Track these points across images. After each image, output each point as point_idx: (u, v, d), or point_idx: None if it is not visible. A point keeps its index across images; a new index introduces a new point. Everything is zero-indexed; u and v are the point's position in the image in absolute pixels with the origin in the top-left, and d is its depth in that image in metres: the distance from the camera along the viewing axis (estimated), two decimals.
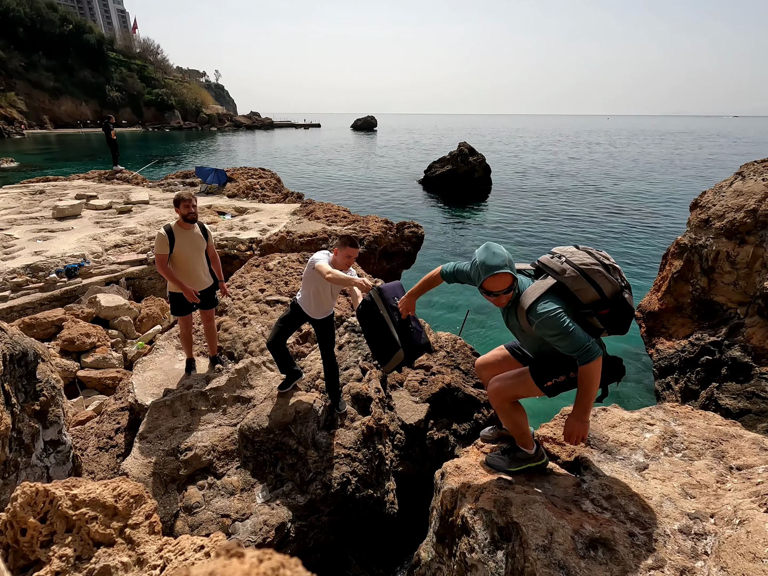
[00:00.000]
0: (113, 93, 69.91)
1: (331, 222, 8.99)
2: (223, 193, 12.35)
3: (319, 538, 3.14)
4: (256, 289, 4.98)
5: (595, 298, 1.92)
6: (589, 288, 1.90)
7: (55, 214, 9.45)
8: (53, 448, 2.82)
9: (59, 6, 67.75)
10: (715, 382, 4.96)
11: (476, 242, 14.81)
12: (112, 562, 1.70)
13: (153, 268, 7.40)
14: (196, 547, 1.77)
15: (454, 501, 2.14)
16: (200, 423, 3.52)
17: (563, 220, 17.76)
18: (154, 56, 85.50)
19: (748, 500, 1.81)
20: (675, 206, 20.05)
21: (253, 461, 3.29)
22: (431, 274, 2.33)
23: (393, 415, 4.18)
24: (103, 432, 4.01)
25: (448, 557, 2.18)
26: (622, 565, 1.66)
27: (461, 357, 5.01)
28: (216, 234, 8.22)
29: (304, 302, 3.33)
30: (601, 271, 1.91)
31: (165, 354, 4.35)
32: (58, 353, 5.23)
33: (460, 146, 23.04)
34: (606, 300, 1.93)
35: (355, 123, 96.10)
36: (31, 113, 58.92)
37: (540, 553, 1.71)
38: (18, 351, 2.63)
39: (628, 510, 1.91)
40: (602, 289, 1.91)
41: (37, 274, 6.54)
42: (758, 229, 4.89)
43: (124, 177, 14.30)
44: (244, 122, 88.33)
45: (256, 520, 2.94)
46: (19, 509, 1.69)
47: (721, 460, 2.19)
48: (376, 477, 3.45)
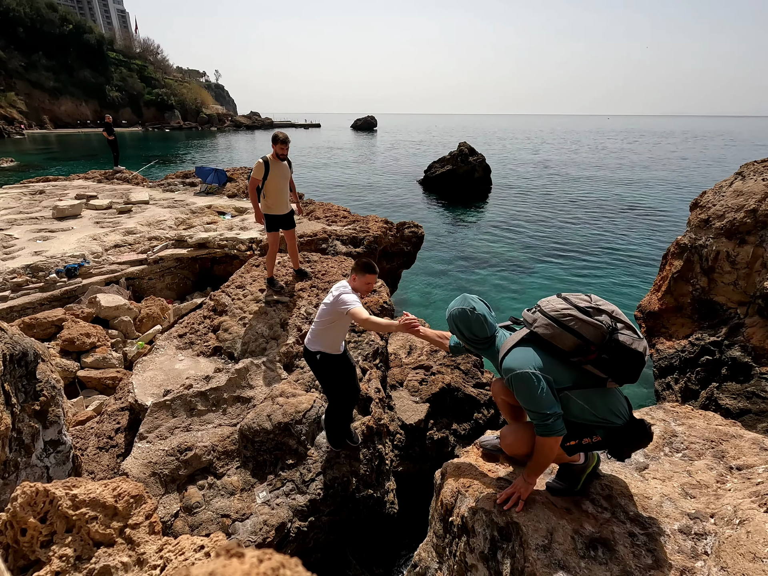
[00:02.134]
0: (113, 93, 69.89)
1: (331, 222, 8.99)
2: (223, 193, 12.35)
3: (319, 538, 3.14)
4: (256, 289, 4.98)
5: (576, 343, 1.78)
6: (564, 334, 1.78)
7: (55, 214, 9.45)
8: (53, 448, 2.82)
9: (59, 6, 67.72)
10: (715, 382, 4.96)
11: (476, 242, 14.81)
12: (112, 562, 1.70)
13: (153, 268, 7.40)
14: (196, 547, 1.77)
15: (454, 501, 2.14)
16: (200, 423, 3.52)
17: (563, 220, 17.76)
18: (154, 56, 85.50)
19: (748, 500, 1.81)
20: (675, 206, 20.06)
21: (253, 461, 3.29)
22: (444, 337, 2.39)
23: (393, 415, 4.18)
24: (103, 432, 4.00)
25: (448, 557, 2.18)
26: (622, 565, 1.66)
27: (461, 357, 5.01)
28: (216, 234, 8.22)
29: (336, 345, 3.05)
30: (575, 315, 1.78)
31: (165, 354, 4.35)
32: (58, 353, 5.23)
33: (460, 146, 23.03)
34: (590, 344, 1.77)
35: (355, 123, 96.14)
36: (31, 113, 58.89)
37: (540, 553, 1.71)
38: (18, 351, 2.63)
39: (628, 510, 1.91)
40: (581, 333, 1.76)
41: (37, 274, 6.54)
42: (758, 229, 4.88)
43: (124, 177, 14.29)
44: (244, 122, 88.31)
45: (256, 520, 2.94)
46: (19, 509, 1.69)
47: (721, 460, 2.19)
48: (376, 477, 3.45)
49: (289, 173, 4.76)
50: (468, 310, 1.99)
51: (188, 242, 8.00)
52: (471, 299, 2.04)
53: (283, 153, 4.57)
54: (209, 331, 4.59)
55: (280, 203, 4.74)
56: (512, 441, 2.02)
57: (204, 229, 8.78)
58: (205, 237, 8.04)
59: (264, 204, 4.73)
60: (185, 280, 7.90)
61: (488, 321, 2.00)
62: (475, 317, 1.99)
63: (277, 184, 4.63)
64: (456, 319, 2.02)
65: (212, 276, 8.05)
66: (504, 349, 1.89)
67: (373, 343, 4.32)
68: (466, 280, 11.44)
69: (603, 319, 1.79)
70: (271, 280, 4.94)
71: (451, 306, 2.07)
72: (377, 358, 4.29)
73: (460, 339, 2.10)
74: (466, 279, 11.49)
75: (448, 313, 2.06)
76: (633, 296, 10.07)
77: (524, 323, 1.94)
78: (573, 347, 1.79)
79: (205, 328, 4.63)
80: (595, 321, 1.77)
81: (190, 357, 4.31)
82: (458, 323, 2.02)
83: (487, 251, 13.89)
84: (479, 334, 2.01)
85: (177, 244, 8.05)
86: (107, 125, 14.70)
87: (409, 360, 4.98)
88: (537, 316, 1.88)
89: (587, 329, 1.76)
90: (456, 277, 11.68)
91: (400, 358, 5.04)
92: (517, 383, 1.76)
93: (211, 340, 4.45)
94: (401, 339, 5.42)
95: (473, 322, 1.99)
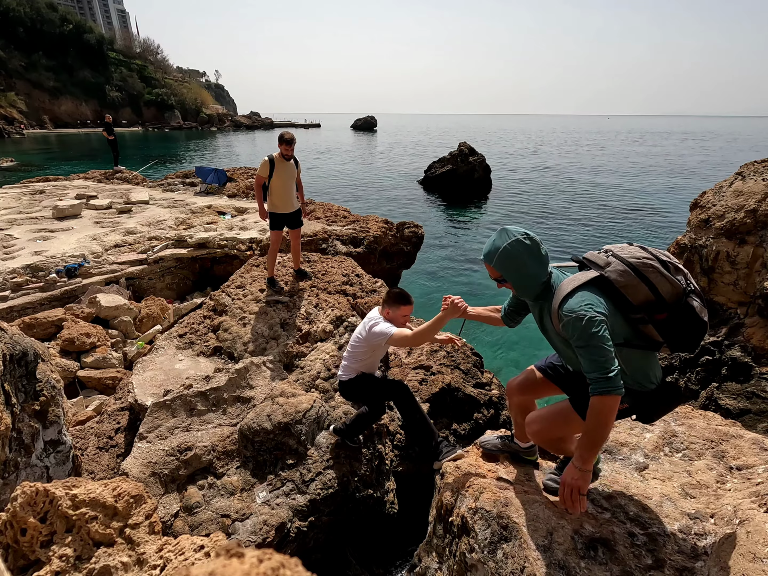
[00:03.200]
0: (113, 93, 69.92)
1: (331, 222, 8.99)
2: (223, 193, 12.35)
3: (319, 538, 3.14)
4: (256, 289, 4.98)
5: (649, 298, 1.59)
6: (640, 285, 1.58)
7: (55, 214, 9.45)
8: (53, 448, 2.82)
9: (59, 6, 67.83)
10: (715, 382, 4.96)
11: (476, 242, 14.81)
12: (112, 562, 1.70)
13: (153, 268, 7.40)
14: (196, 547, 1.77)
15: (454, 501, 2.14)
16: (200, 423, 3.52)
17: (564, 220, 17.76)
18: (154, 56, 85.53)
19: (748, 500, 1.81)
20: (675, 206, 20.06)
21: (253, 461, 3.29)
22: (495, 310, 2.17)
23: (393, 415, 4.18)
24: (103, 432, 4.00)
25: (448, 557, 2.18)
26: (622, 565, 1.66)
27: (461, 357, 5.00)
28: (216, 234, 8.22)
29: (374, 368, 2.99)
30: (656, 266, 1.60)
31: (165, 354, 4.34)
32: (58, 353, 5.23)
33: (460, 146, 23.03)
34: (663, 302, 1.59)
35: (355, 123, 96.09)
36: (31, 113, 58.91)
37: (540, 553, 1.71)
38: (18, 351, 2.63)
39: (628, 510, 1.91)
40: (657, 288, 1.58)
41: (37, 274, 6.54)
42: (758, 229, 4.88)
43: (124, 177, 14.29)
44: (244, 122, 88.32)
45: (256, 520, 2.94)
46: (19, 509, 1.69)
47: (721, 460, 2.19)
48: (376, 477, 3.45)
49: (295, 172, 4.79)
50: (522, 238, 1.68)
51: (188, 242, 8.01)
52: (515, 229, 1.71)
53: (288, 153, 4.61)
54: (209, 331, 4.59)
55: (285, 202, 4.76)
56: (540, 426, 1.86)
57: (204, 229, 8.78)
58: (205, 237, 8.04)
59: (269, 202, 4.78)
60: (185, 280, 7.90)
61: (545, 252, 1.72)
62: (534, 245, 1.68)
63: (282, 183, 4.66)
64: (509, 256, 1.69)
65: (212, 276, 8.05)
66: (566, 288, 1.63)
67: None
68: (467, 279, 11.43)
69: (680, 279, 1.63)
70: (271, 280, 4.94)
71: (493, 245, 1.73)
72: None
73: (511, 282, 1.76)
74: (466, 279, 11.48)
75: (496, 253, 1.71)
76: None
77: (591, 265, 1.69)
78: (643, 302, 1.60)
79: (205, 328, 4.63)
80: (675, 279, 1.61)
81: (190, 357, 4.31)
82: (512, 260, 1.69)
83: None
84: (537, 270, 1.70)
85: (177, 244, 8.05)
86: (107, 125, 14.70)
87: (409, 360, 4.98)
88: (611, 260, 1.65)
89: (665, 285, 1.59)
90: (456, 276, 11.68)
91: (400, 358, 5.04)
92: (583, 327, 1.51)
93: (211, 340, 4.45)
94: None
95: (531, 253, 1.68)
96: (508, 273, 1.74)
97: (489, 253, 1.74)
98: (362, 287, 5.28)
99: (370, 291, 5.25)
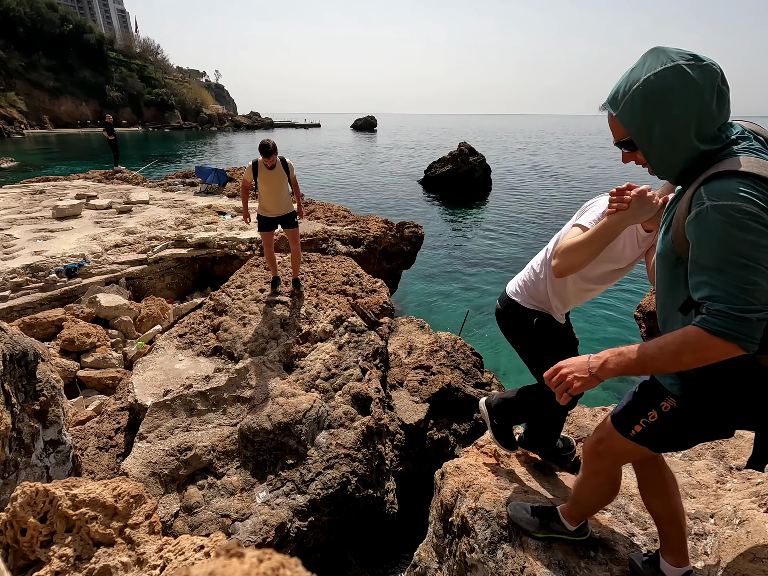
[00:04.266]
0: (113, 93, 69.85)
1: (331, 222, 8.99)
2: (223, 193, 12.35)
3: (319, 538, 3.14)
4: (256, 289, 4.98)
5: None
6: None
7: (55, 214, 9.45)
8: (53, 448, 2.82)
9: (59, 6, 67.72)
10: None
11: (477, 242, 14.81)
12: (112, 562, 1.70)
13: (153, 268, 7.40)
14: (196, 547, 1.77)
15: (453, 501, 2.14)
16: (200, 423, 3.52)
17: (564, 220, 17.74)
18: (154, 56, 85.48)
19: (748, 500, 1.81)
20: None
21: (253, 461, 3.29)
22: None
23: (393, 415, 4.18)
24: (103, 432, 4.00)
25: (448, 557, 2.18)
26: (622, 565, 1.66)
27: (461, 357, 5.01)
28: (216, 234, 8.22)
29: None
30: None
31: (165, 354, 4.35)
32: (58, 353, 5.23)
33: (460, 146, 23.03)
34: None
35: (355, 123, 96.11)
36: (31, 113, 58.87)
37: (540, 553, 1.71)
38: (18, 351, 2.63)
39: (628, 510, 1.91)
40: None
41: (37, 274, 6.54)
42: None
43: (124, 177, 14.29)
44: (244, 122, 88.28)
45: (256, 520, 2.94)
46: (19, 509, 1.69)
47: (721, 460, 2.19)
48: (376, 477, 3.45)
49: (284, 175, 4.64)
50: (683, 65, 0.95)
51: (188, 242, 8.01)
52: (674, 50, 0.98)
53: (269, 164, 4.43)
54: (209, 331, 4.59)
55: (273, 205, 4.68)
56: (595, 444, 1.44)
57: (204, 229, 8.78)
58: (205, 237, 8.04)
59: (258, 205, 4.77)
60: (185, 280, 7.90)
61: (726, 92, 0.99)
62: (710, 72, 0.95)
63: (269, 187, 4.61)
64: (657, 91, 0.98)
65: (212, 276, 8.05)
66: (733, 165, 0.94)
67: (373, 343, 4.33)
68: (467, 279, 11.43)
69: None
70: (276, 279, 4.95)
71: (629, 76, 1.02)
72: (377, 358, 4.29)
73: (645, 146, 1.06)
74: (466, 279, 11.48)
75: (629, 91, 1.02)
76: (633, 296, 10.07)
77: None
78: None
79: (205, 328, 4.63)
80: None
81: (190, 357, 4.31)
82: (657, 103, 0.99)
83: (488, 251, 13.88)
84: (717, 112, 0.98)
85: (177, 244, 8.05)
86: (107, 125, 14.70)
87: (409, 360, 4.98)
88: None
89: None
90: (456, 276, 11.67)
91: (400, 358, 5.04)
92: (734, 226, 0.91)
93: (211, 340, 4.45)
94: (401, 339, 5.42)
95: (706, 84, 0.95)
96: (643, 125, 1.03)
97: (617, 92, 1.06)
98: (362, 287, 5.28)
99: (370, 291, 5.25)
